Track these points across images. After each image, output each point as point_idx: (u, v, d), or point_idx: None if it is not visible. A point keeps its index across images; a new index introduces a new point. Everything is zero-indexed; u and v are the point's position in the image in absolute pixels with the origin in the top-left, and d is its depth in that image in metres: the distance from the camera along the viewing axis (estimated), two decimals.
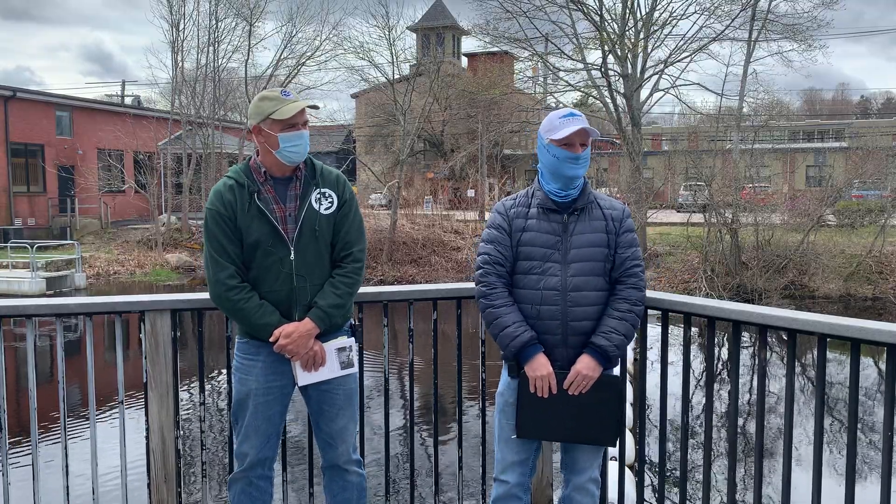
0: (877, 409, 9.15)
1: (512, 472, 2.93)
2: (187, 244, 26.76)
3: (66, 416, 3.19)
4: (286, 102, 2.80)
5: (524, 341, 2.78)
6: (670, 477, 6.01)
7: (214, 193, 2.87)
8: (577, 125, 2.79)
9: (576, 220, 2.86)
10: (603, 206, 2.92)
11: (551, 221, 2.86)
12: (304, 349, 2.82)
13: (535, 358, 2.79)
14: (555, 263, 2.82)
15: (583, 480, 2.93)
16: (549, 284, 2.81)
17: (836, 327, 2.56)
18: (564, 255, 2.83)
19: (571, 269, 2.81)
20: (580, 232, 2.85)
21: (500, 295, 2.84)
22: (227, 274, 2.80)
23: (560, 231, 2.85)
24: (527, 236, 2.86)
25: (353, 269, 2.90)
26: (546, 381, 2.79)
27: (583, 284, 2.81)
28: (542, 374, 2.78)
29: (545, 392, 2.79)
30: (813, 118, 57.73)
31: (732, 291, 18.97)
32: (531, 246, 2.85)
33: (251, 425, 2.92)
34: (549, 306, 2.81)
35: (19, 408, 8.19)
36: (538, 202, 2.90)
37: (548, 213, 2.88)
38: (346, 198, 2.94)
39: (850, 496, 2.57)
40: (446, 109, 38.18)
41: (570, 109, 2.90)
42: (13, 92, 29.81)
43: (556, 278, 2.81)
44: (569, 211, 2.87)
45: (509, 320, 2.80)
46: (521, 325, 2.80)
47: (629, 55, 23.66)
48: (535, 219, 2.88)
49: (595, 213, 2.89)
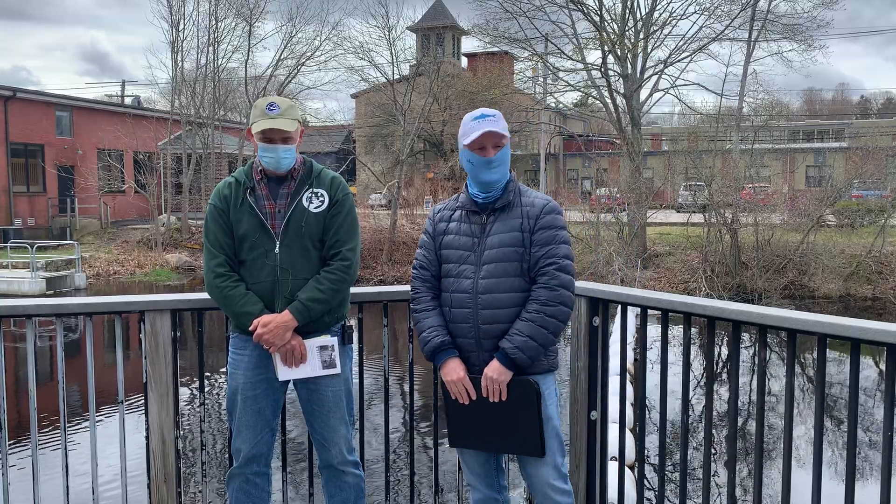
0: (877, 409, 9.15)
1: (478, 478, 2.94)
2: (187, 244, 26.76)
3: (66, 417, 3.19)
4: (263, 117, 2.91)
5: (435, 346, 2.75)
6: (670, 477, 6.01)
7: (215, 190, 3.04)
8: (484, 128, 2.70)
9: (494, 220, 2.80)
10: (524, 203, 2.81)
11: (471, 223, 2.83)
12: (281, 341, 2.85)
13: (446, 362, 2.75)
14: (469, 266, 2.78)
15: (549, 491, 2.81)
16: (461, 287, 2.77)
17: (836, 327, 2.55)
18: (479, 256, 2.77)
19: (483, 270, 2.75)
20: (495, 232, 2.77)
21: (421, 299, 2.86)
22: (216, 262, 2.93)
23: (478, 232, 2.80)
24: (447, 239, 2.86)
25: (339, 266, 2.93)
26: (459, 386, 2.72)
27: (494, 286, 2.72)
28: (452, 379, 2.72)
29: (463, 397, 2.73)
30: (813, 118, 57.75)
31: (732, 291, 18.98)
32: (449, 249, 2.84)
33: (242, 420, 2.99)
34: (461, 309, 2.76)
35: (19, 408, 8.19)
36: (460, 204, 2.89)
37: (470, 214, 2.84)
38: (339, 198, 2.99)
39: (850, 496, 2.57)
40: (446, 109, 38.19)
41: (483, 110, 2.80)
42: (13, 92, 29.82)
43: (468, 281, 2.76)
44: (488, 211, 2.82)
45: (426, 325, 2.80)
46: (435, 329, 2.77)
47: (629, 55, 23.66)
48: (456, 221, 2.86)
49: (514, 211, 2.79)
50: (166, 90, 34.42)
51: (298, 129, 3.00)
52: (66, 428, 3.20)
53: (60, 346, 3.17)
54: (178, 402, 3.31)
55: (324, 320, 2.96)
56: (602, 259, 19.23)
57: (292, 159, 2.97)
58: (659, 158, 39.11)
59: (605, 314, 3.44)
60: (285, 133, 2.92)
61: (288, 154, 2.94)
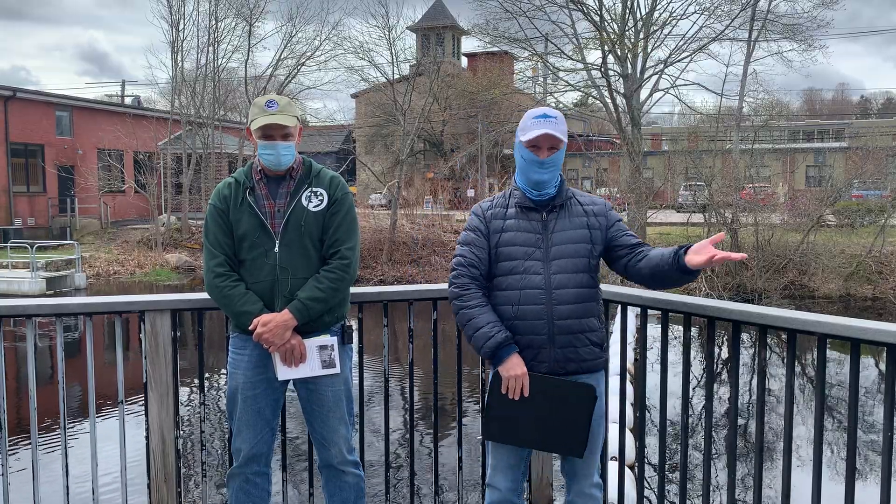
0: (877, 409, 9.15)
1: (504, 477, 2.90)
2: (187, 244, 26.75)
3: (66, 417, 3.19)
4: (262, 114, 2.91)
5: (499, 342, 2.71)
6: (670, 477, 6.01)
7: (215, 190, 3.04)
8: (542, 129, 2.73)
9: (556, 217, 2.82)
10: (583, 202, 2.88)
11: (530, 220, 2.82)
12: (281, 340, 2.86)
13: (510, 358, 2.72)
14: (536, 262, 2.77)
15: (584, 486, 2.89)
16: (532, 283, 2.75)
17: (836, 327, 2.55)
18: (546, 253, 2.78)
19: (554, 266, 2.76)
20: (561, 229, 2.80)
21: (473, 296, 2.80)
22: (216, 262, 2.93)
23: (540, 229, 2.81)
24: (506, 236, 2.82)
25: (338, 265, 2.93)
26: (519, 382, 2.71)
27: (566, 282, 2.75)
28: (517, 374, 2.71)
29: (517, 394, 2.72)
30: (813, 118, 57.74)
31: (732, 291, 18.98)
32: (511, 245, 2.81)
33: (242, 420, 3.00)
34: (533, 306, 2.74)
35: (19, 408, 8.19)
36: (516, 201, 2.87)
37: (526, 211, 2.83)
38: (338, 197, 2.99)
39: (850, 496, 2.57)
40: (446, 109, 38.19)
41: (545, 110, 2.81)
42: (13, 92, 29.82)
43: (538, 276, 2.75)
44: (547, 209, 2.83)
45: (483, 321, 2.75)
46: (495, 325, 2.74)
47: (629, 55, 23.67)
48: (513, 219, 2.84)
49: (575, 209, 2.84)
50: (166, 90, 34.48)
51: (297, 126, 3.01)
52: (66, 428, 3.20)
53: (60, 346, 3.17)
54: (178, 402, 3.31)
55: (323, 320, 2.96)
56: None
57: (292, 156, 2.97)
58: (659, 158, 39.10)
59: (606, 314, 3.44)
60: (285, 129, 2.93)
61: (288, 151, 2.94)
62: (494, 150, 37.83)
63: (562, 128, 2.79)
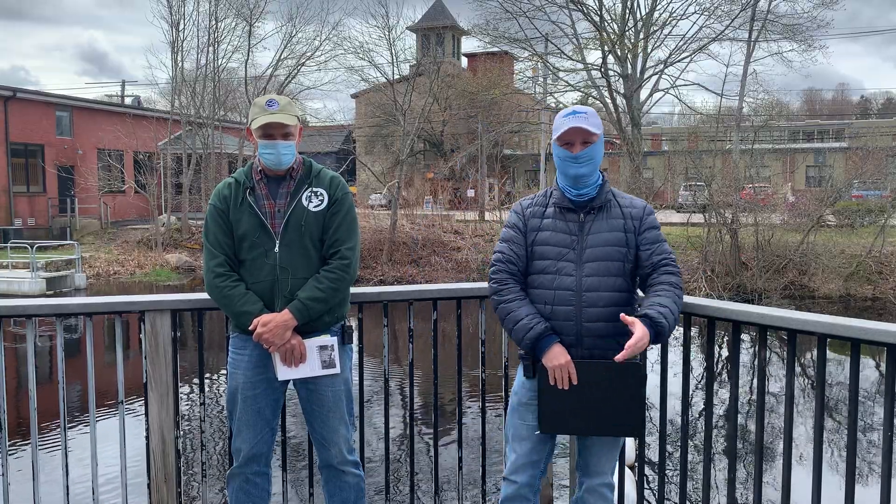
0: (877, 409, 9.15)
1: (523, 472, 2.88)
2: (187, 244, 26.75)
3: (66, 417, 3.19)
4: (263, 113, 2.92)
5: (539, 332, 2.72)
6: (670, 477, 6.01)
7: (215, 190, 3.04)
8: (571, 123, 2.75)
9: (593, 219, 2.81)
10: (622, 204, 2.85)
11: (567, 221, 2.82)
12: (281, 340, 2.86)
13: (552, 348, 2.72)
14: (569, 263, 2.77)
15: (596, 483, 2.89)
16: (564, 284, 2.75)
17: (836, 327, 2.55)
18: (580, 254, 2.77)
19: (586, 268, 2.75)
20: (597, 231, 2.79)
21: (511, 290, 2.80)
22: (216, 262, 2.93)
23: (576, 230, 2.80)
24: (542, 236, 2.83)
25: (339, 265, 2.93)
26: (565, 370, 2.71)
27: (598, 285, 2.74)
28: (561, 363, 2.70)
29: (565, 383, 2.72)
30: (813, 118, 57.76)
31: (732, 291, 18.98)
32: (546, 245, 2.81)
33: (242, 420, 3.00)
34: (563, 306, 2.75)
35: (19, 408, 8.19)
36: (555, 201, 2.87)
37: (564, 212, 2.83)
38: (338, 196, 2.99)
39: (850, 496, 2.57)
40: (446, 109, 38.18)
41: (576, 107, 2.84)
42: (13, 92, 29.82)
43: (570, 278, 2.75)
44: (585, 210, 2.82)
45: (522, 313, 2.75)
46: (534, 316, 2.74)
47: (629, 55, 23.68)
48: (551, 218, 2.84)
49: (614, 211, 2.82)
50: (166, 90, 34.48)
51: (297, 126, 3.01)
52: (66, 428, 3.20)
53: (60, 346, 3.17)
54: (178, 402, 3.31)
55: (323, 320, 2.96)
56: None
57: (292, 156, 2.98)
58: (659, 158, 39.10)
59: None
60: (285, 128, 2.93)
61: (288, 150, 2.95)
62: (494, 150, 37.81)
63: (594, 121, 2.79)
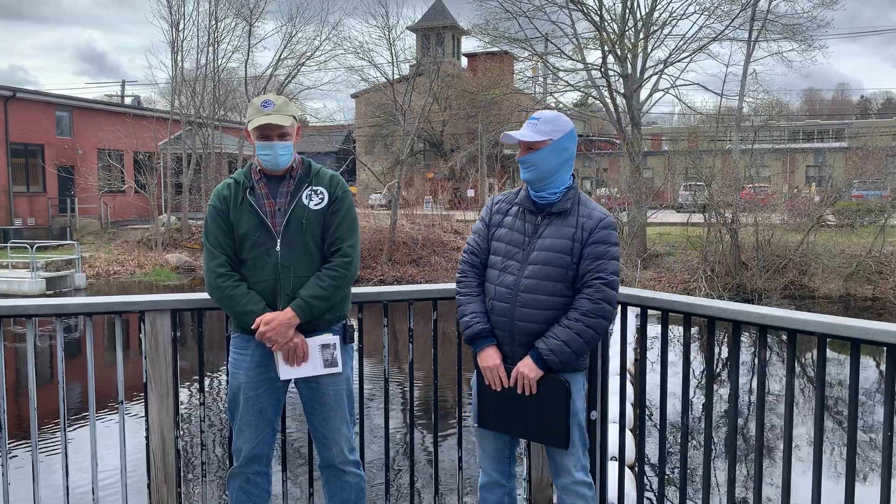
0: (877, 409, 9.15)
1: (493, 461, 3.04)
2: (187, 244, 26.75)
3: (66, 417, 3.19)
4: (259, 114, 2.92)
5: (475, 332, 2.87)
6: (670, 477, 6.01)
7: (214, 191, 3.04)
8: (515, 135, 2.85)
9: (548, 223, 2.87)
10: (581, 213, 2.86)
11: (526, 222, 2.91)
12: (284, 338, 2.85)
13: (485, 349, 2.87)
14: (516, 262, 2.87)
15: (567, 482, 2.93)
16: (505, 282, 2.86)
17: (836, 327, 2.55)
18: (526, 256, 2.85)
19: (528, 270, 2.83)
20: (547, 236, 2.85)
21: (467, 283, 2.96)
22: (217, 263, 2.93)
23: (530, 232, 2.89)
24: (499, 232, 2.95)
25: (340, 263, 2.94)
26: (495, 373, 2.84)
27: (535, 288, 2.81)
28: (488, 365, 2.84)
29: (496, 384, 2.85)
30: (813, 118, 57.74)
31: (732, 291, 18.97)
32: (500, 242, 2.93)
33: (244, 420, 2.99)
34: (501, 303, 2.86)
35: (19, 408, 8.19)
36: (519, 201, 2.97)
37: (525, 213, 2.93)
38: (338, 195, 3.00)
39: (850, 496, 2.57)
40: (446, 109, 38.18)
41: (535, 114, 2.92)
42: (13, 92, 29.82)
43: (512, 277, 2.85)
44: (544, 213, 2.89)
45: (468, 310, 2.91)
46: (476, 315, 2.88)
47: (629, 55, 23.66)
48: (512, 216, 2.96)
49: (570, 219, 2.85)
50: (166, 90, 34.47)
51: (295, 125, 3.01)
52: (66, 428, 3.20)
53: (60, 346, 3.17)
54: (178, 402, 3.31)
55: (325, 318, 2.96)
56: None
57: (290, 156, 2.98)
58: (659, 158, 39.10)
59: None
60: (281, 129, 2.93)
61: (285, 151, 2.95)
62: (494, 150, 37.79)
63: (543, 128, 2.85)
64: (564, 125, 2.89)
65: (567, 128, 2.89)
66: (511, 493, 3.10)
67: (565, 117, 2.93)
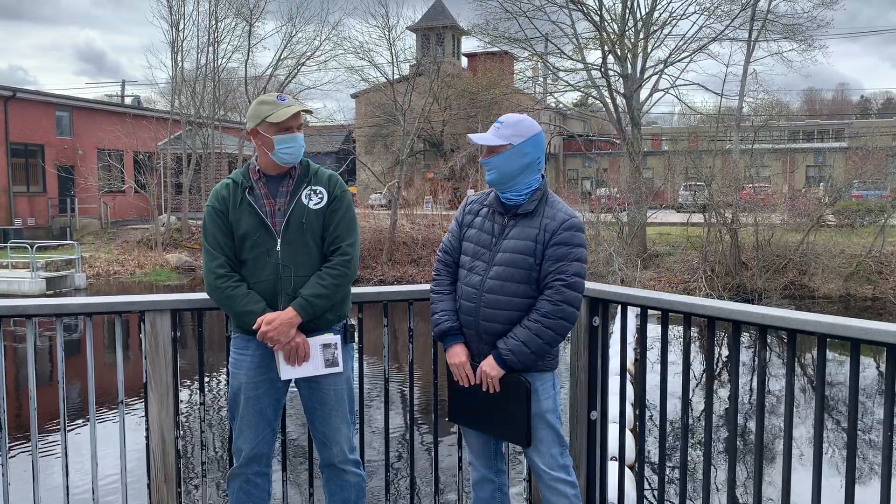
0: (877, 409, 9.15)
1: (477, 457, 3.11)
2: (187, 244, 26.75)
3: (66, 417, 3.19)
4: (281, 106, 2.93)
5: (443, 330, 2.95)
6: (670, 477, 6.01)
7: (213, 192, 3.04)
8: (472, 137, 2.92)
9: (514, 225, 2.90)
10: (546, 214, 2.87)
11: (494, 223, 2.95)
12: (286, 338, 2.86)
13: (453, 347, 2.94)
14: (482, 263, 2.91)
15: (546, 479, 2.96)
16: (471, 282, 2.92)
17: (836, 327, 2.55)
18: (492, 256, 2.90)
19: (493, 271, 2.88)
20: (512, 237, 2.88)
21: (440, 282, 3.04)
22: (217, 263, 2.93)
23: (498, 233, 2.92)
24: (469, 233, 3.01)
25: (340, 261, 2.94)
26: (461, 370, 2.92)
27: (498, 288, 2.85)
28: (455, 362, 2.92)
29: (463, 380, 2.93)
30: (813, 118, 57.74)
31: (732, 291, 18.97)
32: (468, 242, 2.99)
33: (244, 420, 2.99)
34: (467, 302, 2.92)
35: (19, 408, 8.19)
36: (489, 202, 3.01)
37: (494, 214, 2.97)
38: (337, 194, 3.01)
39: (850, 496, 2.57)
40: (446, 109, 38.17)
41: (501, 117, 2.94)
42: (13, 92, 29.82)
43: (478, 277, 2.90)
44: (510, 215, 2.92)
45: (438, 308, 2.99)
46: (446, 313, 2.95)
47: (629, 55, 23.66)
48: (482, 217, 3.00)
49: (535, 221, 2.86)
50: (166, 90, 34.47)
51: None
52: (66, 428, 3.20)
53: (60, 346, 3.16)
54: (178, 402, 3.31)
55: (326, 318, 2.97)
56: (602, 259, 19.22)
57: (304, 146, 3.02)
58: (659, 158, 39.12)
59: (605, 314, 3.44)
60: (300, 119, 2.98)
61: (303, 141, 3.00)
62: None
63: (504, 132, 2.87)
64: (526, 130, 2.88)
65: (529, 132, 2.88)
66: (502, 489, 3.13)
67: (530, 121, 2.92)
